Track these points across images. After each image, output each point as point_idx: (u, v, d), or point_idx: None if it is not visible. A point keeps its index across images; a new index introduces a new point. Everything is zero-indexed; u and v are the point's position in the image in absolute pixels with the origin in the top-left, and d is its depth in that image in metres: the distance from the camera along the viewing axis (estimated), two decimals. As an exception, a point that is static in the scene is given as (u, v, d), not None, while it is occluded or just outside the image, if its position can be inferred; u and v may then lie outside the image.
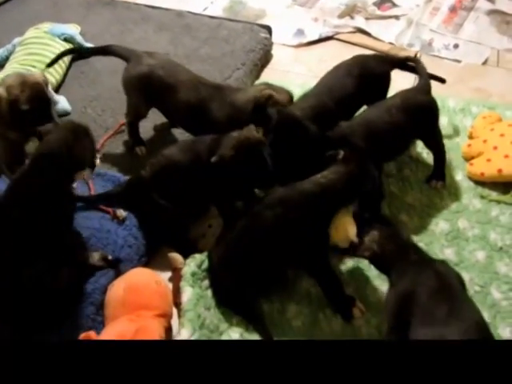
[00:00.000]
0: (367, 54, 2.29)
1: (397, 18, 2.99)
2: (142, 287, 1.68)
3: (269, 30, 2.83)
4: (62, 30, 2.60)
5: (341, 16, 2.99)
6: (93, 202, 1.94)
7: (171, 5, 3.07)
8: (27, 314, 1.65)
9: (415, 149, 2.21)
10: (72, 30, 2.66)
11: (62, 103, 2.37)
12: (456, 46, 2.81)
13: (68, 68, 2.59)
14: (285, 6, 3.13)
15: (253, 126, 1.81)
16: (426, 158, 2.19)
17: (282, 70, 2.73)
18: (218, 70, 2.57)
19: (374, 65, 2.10)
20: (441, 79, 2.23)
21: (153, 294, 1.67)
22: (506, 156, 2.08)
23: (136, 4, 3.08)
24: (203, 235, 1.98)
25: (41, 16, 2.85)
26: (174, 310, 1.74)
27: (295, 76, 2.67)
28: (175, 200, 1.86)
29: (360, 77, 2.03)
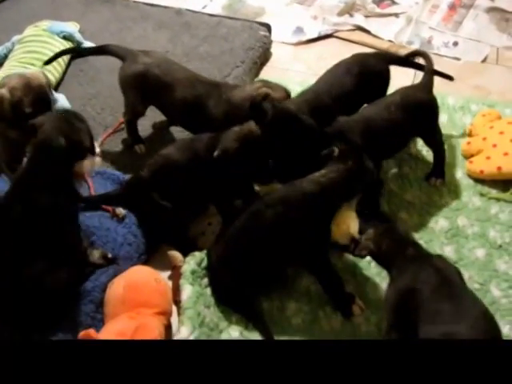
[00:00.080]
0: (367, 52, 2.29)
1: (396, 15, 2.99)
2: (141, 285, 1.68)
3: (268, 27, 2.83)
4: (61, 28, 2.60)
5: (340, 14, 2.99)
6: (92, 203, 1.94)
7: (170, 3, 3.06)
8: (27, 312, 1.65)
9: (415, 146, 2.20)
10: (71, 27, 2.66)
11: (62, 101, 2.36)
12: (455, 44, 2.81)
13: (67, 66, 2.59)
14: (284, 4, 3.12)
15: (252, 122, 1.81)
16: (425, 156, 2.19)
17: (282, 68, 2.73)
18: (217, 68, 2.57)
19: (373, 63, 2.09)
20: (448, 76, 2.23)
21: (152, 291, 1.67)
22: (506, 154, 2.08)
23: (135, 2, 3.07)
24: (203, 233, 1.98)
25: (39, 14, 2.84)
26: (174, 308, 1.74)
27: (294, 74, 2.67)
28: (174, 199, 1.86)
29: (359, 75, 2.03)
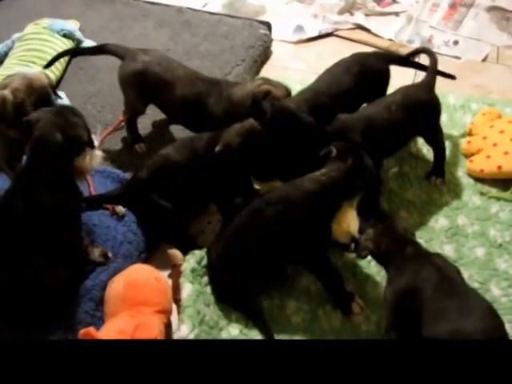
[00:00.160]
0: (366, 51, 2.29)
1: (396, 14, 2.98)
2: (141, 283, 1.68)
3: (268, 26, 2.83)
4: (62, 26, 2.59)
5: (340, 12, 2.98)
6: (92, 203, 1.93)
7: (171, 1, 3.06)
8: (26, 310, 1.65)
9: (415, 145, 2.20)
10: (71, 25, 2.65)
11: (63, 99, 2.36)
12: (456, 43, 2.80)
13: (67, 64, 2.59)
14: (284, 3, 3.12)
15: (252, 120, 1.81)
16: (425, 155, 2.18)
17: (282, 67, 2.73)
18: (218, 66, 2.57)
19: (373, 62, 2.09)
20: (450, 76, 2.22)
21: (152, 290, 1.68)
22: (506, 153, 2.08)
23: (135, 0, 3.07)
24: (202, 232, 1.98)
25: (40, 12, 2.83)
26: (174, 307, 1.74)
27: (295, 72, 2.66)
28: (174, 199, 1.86)
29: (359, 74, 2.03)
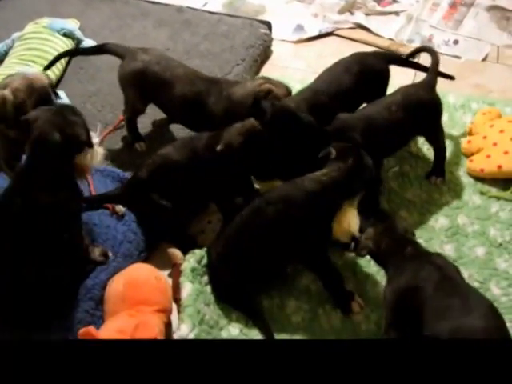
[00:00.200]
0: (366, 51, 2.28)
1: (397, 13, 2.98)
2: (141, 283, 1.68)
3: (268, 25, 2.82)
4: (61, 25, 2.59)
5: (341, 12, 2.98)
6: (92, 203, 1.93)
7: (171, 0, 3.05)
8: (26, 309, 1.65)
9: (415, 145, 2.20)
10: (71, 25, 2.65)
11: (62, 98, 2.36)
12: (456, 42, 2.80)
13: (67, 64, 2.58)
14: (284, 2, 3.11)
15: (253, 119, 1.81)
16: (425, 154, 2.18)
17: (282, 66, 2.72)
18: (218, 65, 2.57)
19: (372, 62, 2.09)
20: (449, 76, 2.21)
21: (153, 289, 1.67)
22: (506, 152, 2.08)
23: (135, -1, 3.07)
24: (202, 231, 1.98)
25: (40, 11, 2.83)
26: (174, 306, 1.74)
27: (295, 72, 2.66)
28: (174, 198, 1.86)
29: (358, 74, 2.03)
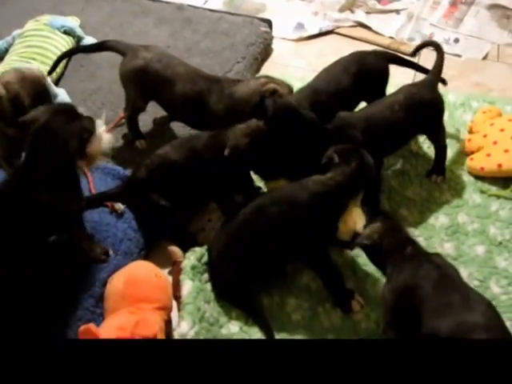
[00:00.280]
0: (366, 49, 2.28)
1: (397, 12, 2.98)
2: (141, 280, 1.68)
3: (269, 23, 2.82)
4: (62, 23, 2.59)
5: (341, 10, 2.98)
6: (92, 202, 1.92)
7: (171, -2, 3.06)
8: (26, 307, 1.65)
9: (416, 143, 2.20)
10: (72, 22, 2.65)
11: (62, 96, 2.35)
12: (456, 41, 2.80)
13: (67, 61, 2.58)
14: (285, 0, 3.10)
15: (255, 120, 1.81)
16: (426, 153, 2.18)
17: (282, 64, 2.72)
18: (219, 63, 2.56)
19: (371, 61, 2.08)
20: (442, 80, 2.20)
21: (153, 287, 1.68)
22: (506, 151, 2.08)
23: (136, -3, 3.06)
24: (203, 229, 1.98)
25: (40, 8, 2.82)
26: (174, 303, 1.74)
27: (295, 70, 2.66)
28: (173, 198, 1.86)
29: (357, 73, 2.02)
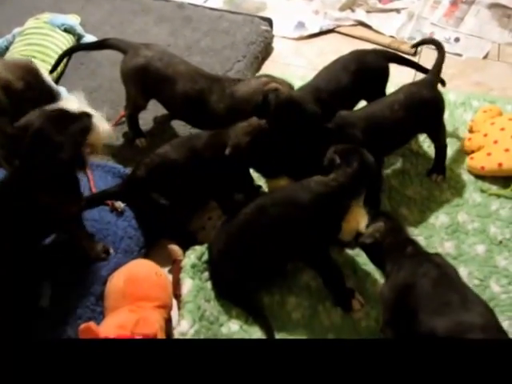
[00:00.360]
0: (366, 48, 2.28)
1: (398, 11, 2.98)
2: (142, 279, 1.68)
3: (269, 22, 2.82)
4: (62, 21, 2.58)
5: (342, 9, 2.98)
6: (92, 201, 1.92)
7: (171, -4, 3.05)
8: (26, 305, 1.66)
9: (416, 142, 2.20)
10: (72, 20, 2.64)
11: (63, 94, 2.36)
12: (457, 40, 2.80)
13: (68, 59, 2.58)
14: (285, -1, 3.11)
15: (256, 118, 1.81)
16: (426, 152, 2.18)
17: (283, 63, 2.72)
18: (219, 62, 2.56)
19: (371, 60, 2.08)
20: (441, 81, 2.20)
21: (153, 285, 1.68)
22: (507, 150, 2.08)
23: (136, -5, 3.06)
24: (203, 228, 1.98)
25: (40, 6, 2.82)
26: (174, 302, 1.74)
27: (296, 69, 2.66)
28: (173, 197, 1.86)
29: (357, 71, 2.02)
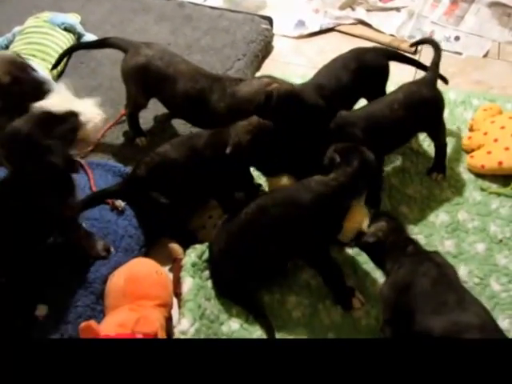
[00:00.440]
0: (366, 46, 2.28)
1: (398, 9, 2.97)
2: (142, 277, 1.68)
3: (270, 20, 2.82)
4: (62, 20, 2.58)
5: (342, 7, 2.98)
6: (92, 200, 1.92)
7: (172, -5, 3.05)
8: (26, 303, 1.66)
9: (416, 141, 2.20)
10: (72, 19, 2.64)
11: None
12: (457, 39, 2.80)
13: (68, 58, 2.58)
14: (285, -3, 3.11)
15: (256, 117, 1.81)
16: (426, 150, 2.18)
17: (283, 62, 2.72)
18: (219, 60, 2.56)
19: (371, 58, 2.08)
20: (444, 78, 2.20)
21: (153, 283, 1.68)
22: (507, 148, 2.08)
23: (136, -6, 3.06)
24: (203, 226, 1.99)
25: (40, 5, 2.82)
26: (175, 300, 1.75)
27: (296, 67, 2.66)
28: (173, 196, 1.86)
29: (357, 70, 2.02)
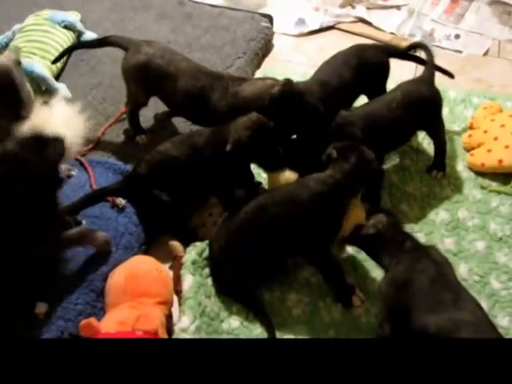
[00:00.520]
0: (366, 43, 2.28)
1: (398, 7, 2.98)
2: (142, 275, 1.69)
3: (270, 19, 2.82)
4: (62, 17, 2.58)
5: (342, 5, 2.97)
6: (93, 197, 1.92)
7: (172, -7, 3.05)
8: (26, 301, 1.66)
9: (416, 139, 2.20)
10: (72, 17, 2.64)
11: (63, 91, 2.36)
12: (457, 37, 2.80)
13: (68, 56, 2.57)
14: (286, -5, 3.11)
15: (255, 113, 1.81)
16: (426, 148, 2.19)
17: (283, 60, 2.72)
18: (220, 58, 2.56)
19: (371, 55, 2.08)
20: (448, 73, 2.20)
21: (154, 281, 1.68)
22: (507, 147, 2.08)
23: (136, -8, 3.05)
24: (204, 224, 1.99)
25: (41, 3, 2.82)
26: (175, 298, 1.75)
27: (296, 65, 2.66)
28: (173, 193, 1.86)
29: (357, 67, 2.02)
